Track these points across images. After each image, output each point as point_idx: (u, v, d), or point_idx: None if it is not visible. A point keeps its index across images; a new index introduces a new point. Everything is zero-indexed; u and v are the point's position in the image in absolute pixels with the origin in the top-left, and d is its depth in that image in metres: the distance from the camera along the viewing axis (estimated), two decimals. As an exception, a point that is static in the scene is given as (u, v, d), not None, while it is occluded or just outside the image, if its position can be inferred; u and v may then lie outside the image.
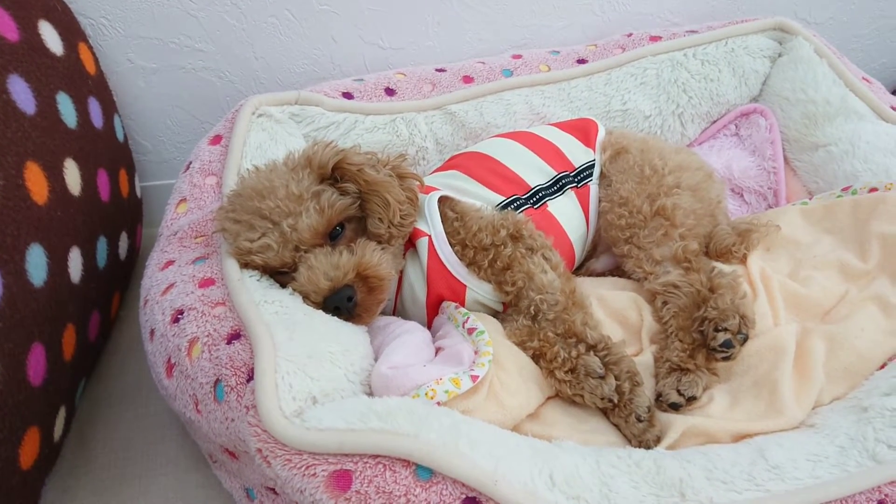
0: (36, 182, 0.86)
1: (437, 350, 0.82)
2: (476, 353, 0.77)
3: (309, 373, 0.67)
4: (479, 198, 0.98)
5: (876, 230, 0.96)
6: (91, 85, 1.11)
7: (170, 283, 0.84)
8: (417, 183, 0.90)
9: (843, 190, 1.08)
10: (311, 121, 1.13)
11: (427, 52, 1.39)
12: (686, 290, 0.89)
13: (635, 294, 0.96)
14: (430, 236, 0.89)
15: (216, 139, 1.05)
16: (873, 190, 1.02)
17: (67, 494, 0.92)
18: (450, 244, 0.89)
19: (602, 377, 0.78)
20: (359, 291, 0.79)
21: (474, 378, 0.72)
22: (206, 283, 0.81)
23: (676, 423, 0.77)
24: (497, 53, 1.38)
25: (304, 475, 0.60)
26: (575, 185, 1.05)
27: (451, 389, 0.70)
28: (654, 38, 1.35)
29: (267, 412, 0.62)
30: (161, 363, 0.78)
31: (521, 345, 0.84)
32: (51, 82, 0.96)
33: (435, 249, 0.89)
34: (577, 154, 1.08)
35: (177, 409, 0.79)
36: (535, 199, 1.01)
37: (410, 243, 0.92)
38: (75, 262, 0.94)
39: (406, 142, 1.19)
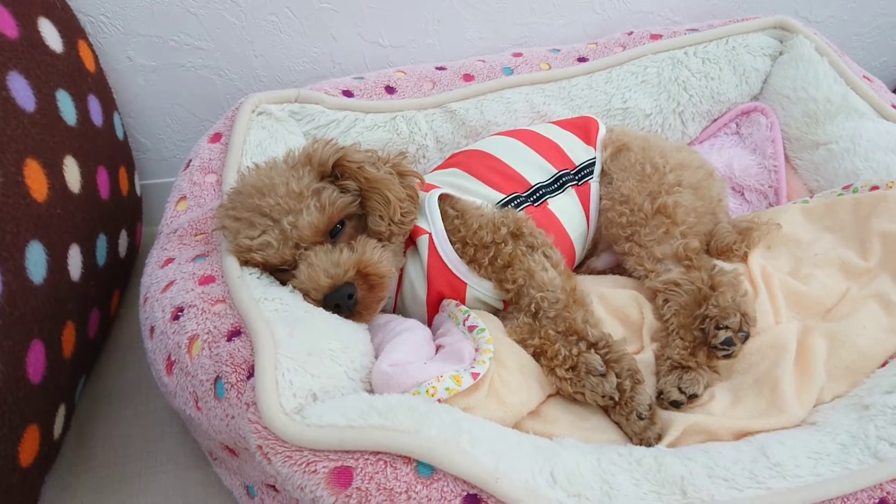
0: (35, 179, 0.85)
1: (438, 348, 0.82)
2: (477, 350, 0.77)
3: (309, 370, 0.67)
4: (480, 195, 0.97)
5: (877, 228, 0.96)
6: (91, 82, 1.11)
7: (170, 280, 0.84)
8: (418, 181, 0.90)
9: (844, 188, 1.08)
10: (311, 119, 1.13)
11: (427, 50, 1.38)
12: (687, 288, 0.89)
13: (636, 292, 0.96)
14: (430, 234, 0.89)
15: (216, 137, 1.04)
16: (874, 188, 1.02)
17: (67, 492, 0.92)
18: (450, 242, 0.89)
19: (603, 375, 0.78)
20: (359, 289, 0.79)
21: (475, 375, 0.72)
22: (206, 280, 0.81)
23: (678, 421, 0.77)
24: (497, 51, 1.38)
25: (304, 472, 0.60)
26: (575, 182, 1.05)
27: (452, 387, 0.70)
28: (655, 37, 1.35)
29: (267, 409, 0.62)
30: (161, 360, 0.78)
31: (522, 342, 0.83)
32: (50, 80, 0.96)
33: (435, 247, 0.89)
34: (578, 152, 1.08)
35: (177, 407, 0.79)
36: (535, 196, 1.01)
37: (411, 241, 0.91)
38: (75, 260, 0.93)
39: (406, 140, 1.19)
